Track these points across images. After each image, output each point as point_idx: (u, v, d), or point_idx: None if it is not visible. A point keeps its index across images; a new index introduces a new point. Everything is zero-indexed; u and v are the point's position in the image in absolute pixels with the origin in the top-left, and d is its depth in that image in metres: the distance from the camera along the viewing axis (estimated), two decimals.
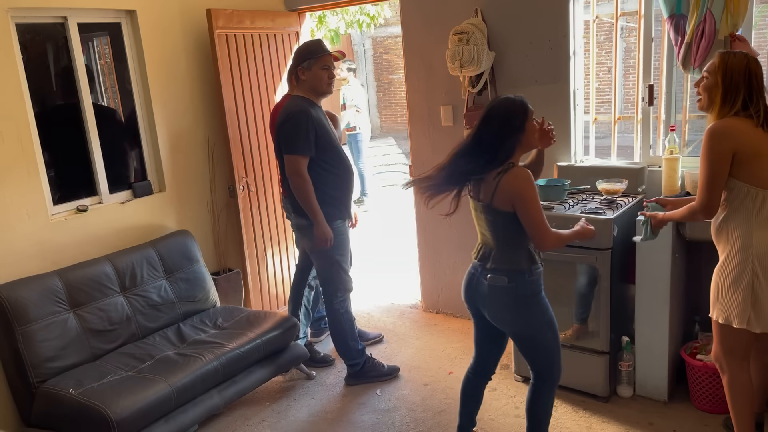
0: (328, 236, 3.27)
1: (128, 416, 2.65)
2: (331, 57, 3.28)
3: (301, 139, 3.15)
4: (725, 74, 2.30)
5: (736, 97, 2.29)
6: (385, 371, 3.51)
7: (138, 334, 3.29)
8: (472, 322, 2.64)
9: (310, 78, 3.24)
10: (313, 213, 3.23)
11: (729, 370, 2.48)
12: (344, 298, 3.47)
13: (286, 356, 3.44)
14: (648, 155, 3.44)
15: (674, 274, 2.94)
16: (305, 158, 3.18)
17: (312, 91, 3.28)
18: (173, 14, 3.78)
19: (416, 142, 4.16)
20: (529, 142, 2.36)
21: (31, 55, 3.24)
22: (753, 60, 2.32)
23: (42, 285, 3.01)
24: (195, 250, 3.72)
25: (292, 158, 3.17)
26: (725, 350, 2.46)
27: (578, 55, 3.53)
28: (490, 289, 2.37)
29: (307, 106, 3.21)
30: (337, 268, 3.42)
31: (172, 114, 3.83)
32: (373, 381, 3.47)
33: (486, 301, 2.41)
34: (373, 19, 6.58)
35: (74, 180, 3.51)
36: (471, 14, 3.65)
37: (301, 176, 3.18)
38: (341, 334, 3.47)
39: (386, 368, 3.53)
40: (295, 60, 3.28)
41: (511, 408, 3.16)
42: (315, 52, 3.24)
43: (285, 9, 4.42)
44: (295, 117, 3.16)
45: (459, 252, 4.14)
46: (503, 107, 2.32)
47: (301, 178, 3.18)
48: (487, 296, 2.39)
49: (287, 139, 3.18)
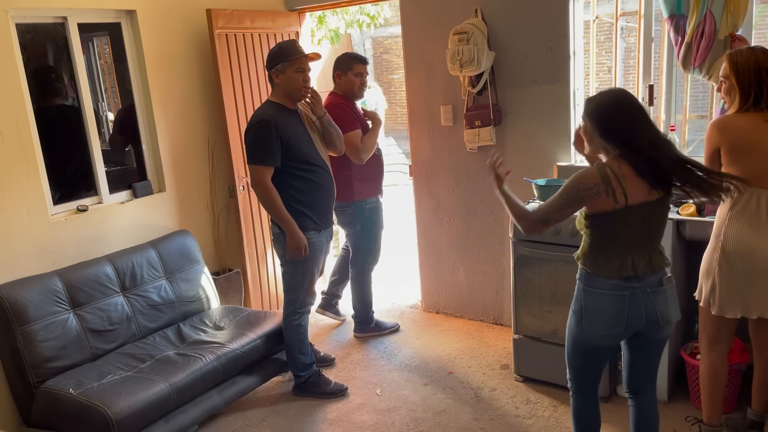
0: (301, 244, 3.12)
1: (128, 416, 2.65)
2: (306, 59, 3.12)
3: (262, 148, 3.04)
4: (738, 74, 2.35)
5: (750, 93, 2.33)
6: (329, 390, 3.38)
7: (138, 334, 3.29)
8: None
9: (284, 81, 3.10)
10: (284, 221, 3.09)
11: (703, 353, 2.61)
12: (304, 311, 3.35)
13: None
14: None
15: (674, 273, 2.93)
16: (268, 168, 3.07)
17: (286, 96, 3.14)
18: (173, 14, 3.78)
19: (416, 142, 4.16)
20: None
21: (31, 55, 3.24)
22: (761, 52, 2.34)
23: (42, 285, 3.01)
24: (195, 250, 3.72)
25: (254, 168, 3.07)
26: (701, 332, 2.61)
27: (578, 55, 3.52)
28: (670, 291, 2.23)
29: (274, 114, 3.08)
30: (302, 280, 3.27)
31: (172, 114, 3.83)
32: (316, 396, 3.38)
33: (664, 306, 2.21)
34: (373, 19, 6.57)
35: (74, 180, 3.51)
36: (471, 14, 3.65)
37: (263, 186, 3.07)
38: (291, 345, 3.34)
39: (331, 387, 3.39)
40: (268, 62, 3.13)
41: (511, 408, 3.16)
42: (289, 54, 3.08)
43: (285, 9, 4.42)
44: (258, 126, 3.04)
45: (459, 252, 4.14)
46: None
47: (263, 188, 3.07)
48: (666, 302, 2.21)
49: (249, 148, 3.08)
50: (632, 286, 2.16)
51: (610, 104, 2.13)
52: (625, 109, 2.10)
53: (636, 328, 2.20)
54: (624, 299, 2.16)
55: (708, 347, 2.60)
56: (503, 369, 3.52)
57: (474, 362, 3.64)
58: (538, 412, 3.10)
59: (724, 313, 2.46)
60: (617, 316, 2.17)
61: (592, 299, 2.21)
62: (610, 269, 2.16)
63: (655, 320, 2.19)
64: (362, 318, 4.09)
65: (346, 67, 3.69)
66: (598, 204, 2.12)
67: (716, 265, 2.45)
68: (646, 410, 2.41)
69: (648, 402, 2.41)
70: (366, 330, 4.09)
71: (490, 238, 3.96)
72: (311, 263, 3.27)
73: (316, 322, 4.29)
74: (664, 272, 2.23)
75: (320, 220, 3.25)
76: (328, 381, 3.44)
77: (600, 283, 2.19)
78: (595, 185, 2.09)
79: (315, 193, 3.21)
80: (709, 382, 2.60)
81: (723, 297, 2.45)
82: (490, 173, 2.34)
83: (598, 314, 2.20)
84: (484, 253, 4.02)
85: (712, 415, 2.63)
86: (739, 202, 2.39)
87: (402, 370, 3.62)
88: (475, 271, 4.09)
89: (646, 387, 2.39)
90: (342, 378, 3.57)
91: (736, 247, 2.40)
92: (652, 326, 2.21)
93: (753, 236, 2.37)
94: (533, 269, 3.18)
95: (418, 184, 4.22)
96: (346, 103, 3.68)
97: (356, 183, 3.77)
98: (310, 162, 3.17)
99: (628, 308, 2.16)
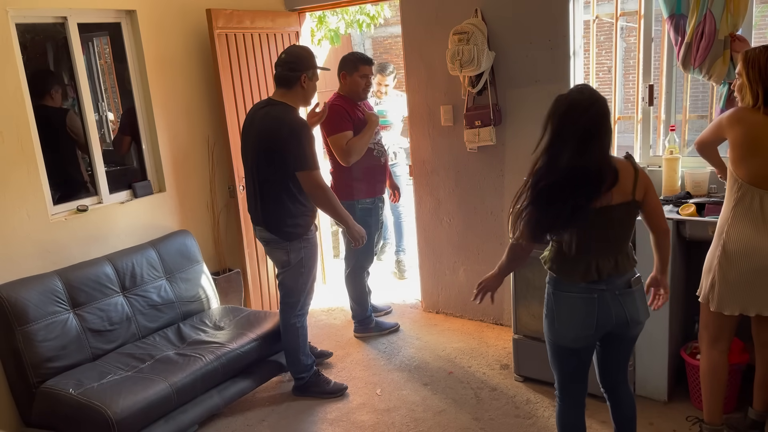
0: (363, 233, 3.32)
1: (128, 416, 2.65)
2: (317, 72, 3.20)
3: (313, 153, 3.06)
4: (748, 70, 2.36)
5: (758, 90, 2.34)
6: (329, 389, 3.39)
7: (138, 334, 3.29)
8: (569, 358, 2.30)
9: (309, 88, 3.14)
10: (346, 217, 3.24)
11: (703, 351, 2.63)
12: (303, 312, 3.36)
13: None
14: (648, 155, 3.44)
15: (674, 273, 2.94)
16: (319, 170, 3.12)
17: (303, 101, 3.17)
18: (173, 14, 3.78)
19: (416, 142, 4.16)
20: None
21: (31, 55, 3.24)
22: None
23: (42, 285, 3.01)
24: (195, 250, 3.72)
25: (311, 174, 3.06)
26: (702, 330, 2.62)
27: (578, 55, 3.52)
28: (639, 291, 2.23)
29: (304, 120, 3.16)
30: (306, 280, 3.29)
31: (172, 114, 3.83)
32: (316, 396, 3.39)
33: (633, 308, 2.21)
34: (373, 19, 6.56)
35: (74, 180, 3.51)
36: (471, 14, 3.64)
37: (324, 187, 3.11)
38: (293, 347, 3.34)
39: (330, 386, 3.40)
40: (302, 64, 3.10)
41: (511, 408, 3.16)
42: (314, 63, 3.15)
43: (285, 9, 4.42)
44: (306, 131, 3.06)
45: (459, 252, 4.14)
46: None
47: (324, 190, 3.11)
48: (635, 303, 2.21)
49: (301, 155, 3.03)
50: (600, 288, 2.15)
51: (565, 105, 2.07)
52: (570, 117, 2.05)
53: (607, 329, 2.21)
54: (593, 302, 2.15)
55: (709, 345, 2.60)
56: (503, 369, 3.52)
57: (474, 362, 3.64)
58: (538, 412, 3.10)
59: (722, 309, 2.48)
60: (587, 318, 2.17)
61: (561, 303, 2.21)
62: (576, 273, 2.16)
63: (624, 322, 2.19)
64: (360, 318, 4.09)
65: (352, 68, 3.69)
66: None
67: (716, 263, 2.46)
68: (623, 399, 2.42)
69: (623, 392, 2.41)
70: (366, 330, 4.09)
71: (490, 238, 3.96)
72: (313, 263, 3.30)
73: (315, 322, 4.30)
74: (632, 273, 2.22)
75: (314, 219, 3.33)
76: (328, 380, 3.44)
77: (567, 286, 2.19)
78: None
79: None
80: (709, 380, 2.61)
81: (722, 294, 2.46)
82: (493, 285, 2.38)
83: (568, 318, 2.20)
84: (484, 253, 4.02)
85: (713, 414, 2.63)
86: (742, 202, 2.40)
87: (402, 370, 3.62)
88: (475, 271, 4.09)
89: (619, 380, 2.40)
90: (342, 378, 3.56)
91: (738, 246, 2.41)
92: (622, 327, 2.21)
93: (755, 236, 2.38)
94: (533, 269, 3.17)
95: (418, 184, 4.22)
96: (342, 105, 3.66)
97: (349, 183, 3.77)
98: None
99: (597, 311, 2.16)
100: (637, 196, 2.13)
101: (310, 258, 3.25)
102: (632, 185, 2.12)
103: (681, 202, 3.04)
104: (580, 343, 2.23)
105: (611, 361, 2.37)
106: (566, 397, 2.36)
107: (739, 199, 2.40)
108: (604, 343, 2.33)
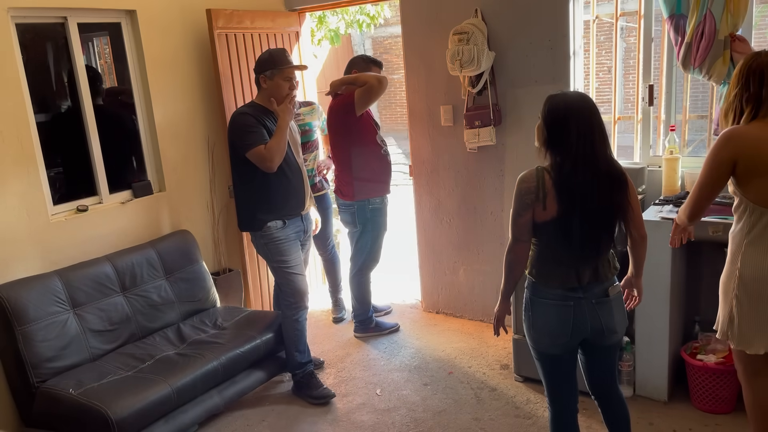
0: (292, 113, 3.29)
1: (128, 416, 2.65)
2: (293, 70, 3.23)
3: (251, 133, 3.12)
4: (743, 76, 2.17)
5: (747, 98, 2.15)
6: (314, 394, 3.35)
7: (138, 334, 3.29)
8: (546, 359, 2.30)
9: (271, 87, 3.18)
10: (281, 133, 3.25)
11: (743, 383, 2.42)
12: (300, 306, 3.35)
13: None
14: (648, 155, 3.44)
15: (674, 274, 2.94)
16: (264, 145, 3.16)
17: (268, 100, 3.21)
18: (173, 14, 3.78)
19: (416, 142, 4.16)
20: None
21: (31, 55, 3.24)
22: (765, 55, 2.14)
23: (42, 285, 3.01)
24: (195, 250, 3.72)
25: (254, 152, 3.12)
26: (736, 363, 2.42)
27: (578, 55, 3.53)
28: (616, 300, 2.21)
29: (251, 111, 3.18)
30: (285, 275, 3.30)
31: (172, 114, 3.83)
32: (302, 399, 3.37)
33: (609, 317, 2.19)
34: (373, 19, 6.56)
35: (74, 180, 3.51)
36: (471, 14, 3.65)
37: (266, 157, 3.14)
38: (288, 341, 3.36)
39: (317, 392, 3.36)
40: (257, 67, 3.22)
41: (511, 408, 3.16)
42: (279, 62, 3.18)
43: (285, 9, 4.42)
44: (240, 117, 3.17)
45: (459, 252, 4.14)
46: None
47: (266, 157, 3.14)
48: (611, 312, 2.19)
49: (238, 139, 3.15)
50: (577, 296, 2.14)
51: (563, 108, 2.09)
52: (568, 119, 2.06)
53: (583, 336, 2.19)
54: (569, 309, 2.14)
55: (747, 379, 2.39)
56: (503, 369, 3.52)
57: (474, 362, 3.64)
58: (538, 412, 3.10)
59: (746, 348, 2.26)
60: (562, 325, 2.15)
61: (537, 308, 2.20)
62: (555, 279, 2.14)
63: (600, 330, 2.18)
64: (361, 318, 4.09)
65: (364, 69, 3.80)
66: (537, 211, 2.08)
67: (733, 296, 2.25)
68: (614, 405, 2.39)
69: (613, 398, 2.38)
70: (366, 330, 4.09)
71: (490, 238, 3.97)
72: (280, 257, 3.28)
73: (315, 322, 4.30)
74: (610, 281, 2.20)
75: (287, 215, 3.28)
76: (318, 384, 3.39)
77: (545, 292, 2.17)
78: (532, 189, 2.07)
79: (288, 189, 3.25)
80: (750, 411, 2.42)
81: (743, 331, 2.25)
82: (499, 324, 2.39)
83: (543, 324, 2.19)
84: (484, 253, 4.02)
85: None
86: (756, 227, 2.18)
87: (402, 370, 3.62)
88: (475, 271, 4.09)
89: (607, 386, 2.37)
90: (342, 378, 3.57)
91: (755, 273, 2.19)
92: (598, 336, 2.20)
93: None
94: None
95: (418, 184, 4.22)
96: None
97: (358, 182, 3.79)
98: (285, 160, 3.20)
99: (573, 318, 2.14)
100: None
101: (277, 252, 3.27)
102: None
103: (681, 202, 3.03)
104: (557, 349, 2.21)
105: (595, 368, 2.35)
106: (554, 402, 2.34)
107: (753, 223, 2.18)
108: (586, 351, 2.32)
